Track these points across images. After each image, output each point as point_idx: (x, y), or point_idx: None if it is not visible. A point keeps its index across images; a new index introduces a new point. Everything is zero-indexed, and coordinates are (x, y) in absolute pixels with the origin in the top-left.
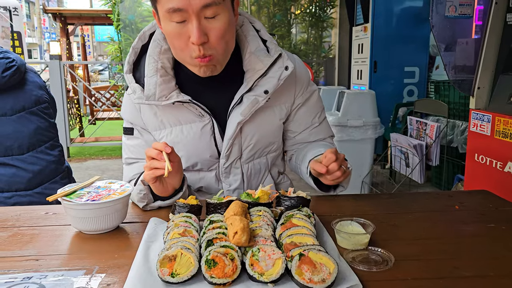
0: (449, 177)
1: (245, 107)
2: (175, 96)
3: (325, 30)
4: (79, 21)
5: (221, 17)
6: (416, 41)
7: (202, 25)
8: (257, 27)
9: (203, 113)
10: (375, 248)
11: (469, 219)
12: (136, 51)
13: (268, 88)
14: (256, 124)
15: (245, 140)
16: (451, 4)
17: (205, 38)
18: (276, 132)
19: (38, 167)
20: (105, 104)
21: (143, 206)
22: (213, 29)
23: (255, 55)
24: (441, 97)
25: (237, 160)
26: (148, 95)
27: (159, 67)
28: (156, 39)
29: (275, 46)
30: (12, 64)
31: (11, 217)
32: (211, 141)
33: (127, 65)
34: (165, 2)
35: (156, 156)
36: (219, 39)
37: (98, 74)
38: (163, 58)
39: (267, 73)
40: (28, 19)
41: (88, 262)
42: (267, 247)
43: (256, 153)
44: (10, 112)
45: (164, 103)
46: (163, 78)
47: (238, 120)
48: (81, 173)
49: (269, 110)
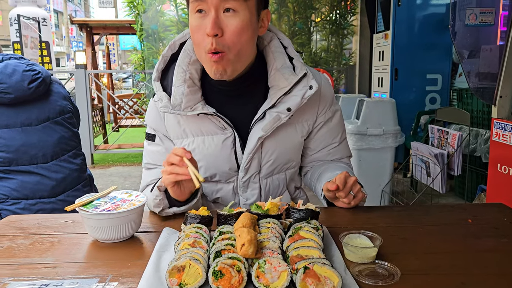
0: (473, 187)
1: (267, 123)
2: (200, 107)
3: (346, 37)
4: (104, 31)
5: (239, 15)
6: (438, 48)
7: (219, 18)
8: (285, 44)
9: (226, 126)
10: (382, 262)
11: (482, 233)
12: (166, 59)
13: (291, 105)
14: (277, 140)
15: (265, 155)
16: (471, 12)
17: (218, 31)
18: (296, 149)
19: (61, 175)
20: (128, 112)
21: (159, 211)
22: (229, 25)
23: (280, 72)
24: (464, 105)
25: (255, 174)
26: (174, 105)
27: (187, 77)
28: (186, 49)
29: (301, 64)
30: (38, 76)
31: (32, 225)
32: (231, 154)
33: (155, 72)
34: None
35: (178, 163)
36: (233, 36)
37: (122, 82)
38: (192, 68)
39: (291, 91)
40: (57, 28)
41: (102, 270)
42: (273, 259)
43: (275, 169)
44: (35, 122)
45: (189, 113)
46: (190, 88)
47: (259, 135)
48: (105, 179)
49: (290, 127)
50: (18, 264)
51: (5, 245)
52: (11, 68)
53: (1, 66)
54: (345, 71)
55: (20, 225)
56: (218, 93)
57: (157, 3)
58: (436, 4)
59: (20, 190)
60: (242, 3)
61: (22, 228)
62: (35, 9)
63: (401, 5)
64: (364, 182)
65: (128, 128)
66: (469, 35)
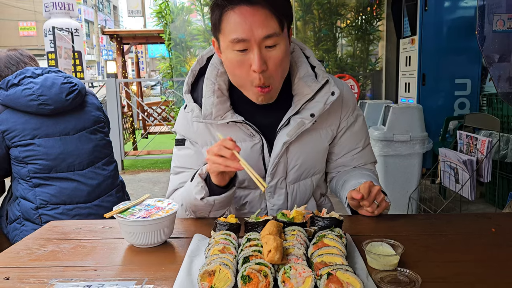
0: (504, 193)
1: (292, 128)
2: (230, 116)
3: (372, 43)
4: (134, 40)
5: (279, 47)
6: (467, 52)
7: (262, 54)
8: (307, 54)
9: (254, 133)
10: (404, 269)
11: (504, 243)
12: (194, 73)
13: (314, 111)
14: (302, 145)
15: (291, 161)
16: (499, 18)
17: (265, 67)
18: (321, 155)
19: (96, 182)
20: (156, 119)
21: (200, 198)
22: (272, 58)
23: (303, 80)
24: (494, 110)
25: (282, 180)
26: (205, 114)
27: (215, 88)
28: (213, 63)
29: (322, 72)
30: (74, 88)
31: (73, 230)
32: (259, 160)
33: (186, 85)
34: (230, 33)
35: (230, 157)
36: (277, 67)
37: (150, 89)
38: (220, 80)
39: (314, 97)
40: (88, 37)
41: (138, 273)
42: (298, 265)
43: (302, 174)
44: (72, 132)
45: (220, 122)
46: (219, 99)
47: (284, 140)
48: (134, 185)
49: (315, 133)
50: (62, 266)
51: (49, 249)
52: (50, 81)
53: (41, 79)
54: (371, 77)
55: (62, 230)
56: (246, 102)
57: (185, 13)
58: (464, 7)
59: (59, 196)
60: (280, 36)
61: (64, 233)
62: (68, 20)
63: (428, 9)
64: (391, 189)
65: (157, 135)
66: (496, 40)
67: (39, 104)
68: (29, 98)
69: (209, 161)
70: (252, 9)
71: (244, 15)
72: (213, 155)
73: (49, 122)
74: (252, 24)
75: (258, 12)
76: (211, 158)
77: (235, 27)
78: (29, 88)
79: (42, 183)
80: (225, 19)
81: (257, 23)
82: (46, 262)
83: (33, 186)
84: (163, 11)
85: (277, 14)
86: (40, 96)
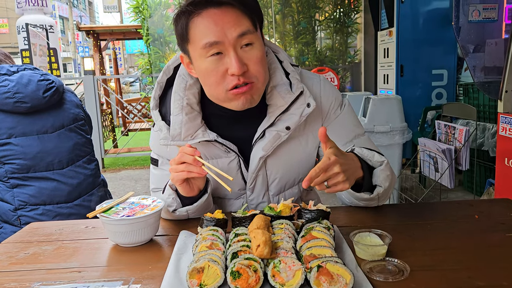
0: (481, 181)
1: (267, 142)
2: (201, 135)
3: (350, 35)
4: (111, 36)
5: (256, 46)
6: (443, 43)
7: (239, 55)
8: (281, 58)
9: (228, 150)
10: (392, 259)
11: (488, 229)
12: (161, 85)
13: (290, 124)
14: (280, 157)
15: (271, 174)
16: (474, 8)
17: (244, 68)
18: (304, 162)
19: (76, 181)
20: (136, 116)
21: (172, 210)
22: (251, 57)
23: (277, 90)
24: (470, 99)
25: (265, 193)
26: (173, 135)
27: (184, 104)
28: (181, 74)
29: (297, 82)
30: (52, 85)
31: (55, 231)
32: (237, 175)
33: (153, 100)
34: (201, 39)
35: (192, 162)
36: (257, 66)
37: (129, 86)
38: (189, 94)
39: (289, 109)
40: (63, 34)
41: (125, 273)
42: (288, 259)
43: (285, 185)
44: (50, 130)
45: (190, 142)
46: (188, 116)
47: (260, 155)
48: (116, 183)
49: (294, 141)
50: (45, 269)
51: (31, 251)
52: (26, 78)
53: (17, 76)
54: (351, 69)
55: (43, 232)
56: (219, 115)
57: (162, 8)
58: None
59: (38, 196)
60: (255, 34)
61: (45, 235)
62: (42, 17)
63: (404, 1)
64: None
65: (137, 132)
66: (472, 30)
67: (15, 102)
68: (5, 96)
69: (172, 170)
70: (221, 11)
71: (213, 18)
72: (175, 164)
73: (26, 121)
74: (224, 26)
75: (228, 13)
76: (173, 167)
77: (205, 32)
78: (4, 86)
79: (20, 183)
80: (193, 26)
81: (229, 24)
82: (28, 265)
83: (11, 187)
84: (141, 6)
85: (248, 13)
86: (16, 94)
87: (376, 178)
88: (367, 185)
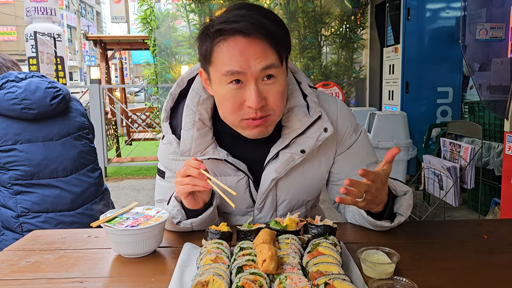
0: (486, 200)
1: (280, 164)
2: (211, 152)
3: (356, 51)
4: (118, 46)
5: (278, 79)
6: (449, 61)
7: (260, 88)
8: (299, 79)
9: (238, 169)
10: (400, 278)
11: (497, 249)
12: (174, 97)
13: (305, 148)
14: (292, 180)
15: (281, 195)
16: (481, 27)
17: (263, 102)
18: (315, 184)
19: (80, 189)
20: (141, 126)
21: (176, 222)
22: (272, 92)
23: (294, 112)
24: (476, 118)
25: (273, 214)
26: (183, 151)
27: (196, 119)
28: (195, 88)
29: (315, 105)
30: (59, 93)
31: (57, 239)
32: (246, 194)
33: (164, 112)
34: (223, 65)
35: (197, 176)
36: (277, 101)
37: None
38: (201, 109)
39: (305, 132)
40: (70, 43)
41: (127, 285)
42: (294, 275)
43: (293, 206)
44: (56, 137)
45: (199, 158)
46: (199, 132)
47: (272, 177)
48: (118, 192)
49: (307, 164)
50: (47, 278)
51: (32, 260)
52: (34, 85)
53: (25, 83)
54: (356, 84)
55: (45, 240)
56: (231, 134)
57: (170, 19)
58: (446, 18)
59: (41, 204)
60: (279, 68)
61: (47, 243)
62: (50, 25)
63: (410, 19)
64: None
65: (141, 142)
66: (479, 49)
67: (22, 108)
68: (12, 102)
69: (177, 183)
70: (248, 41)
71: (240, 47)
72: (180, 177)
73: (32, 127)
74: (249, 57)
75: (256, 44)
76: (179, 180)
77: (229, 59)
78: (12, 92)
79: (23, 190)
80: (217, 50)
81: (254, 55)
82: (29, 274)
83: (14, 194)
84: (148, 17)
85: (276, 46)
86: (24, 100)
87: (399, 206)
88: (388, 213)
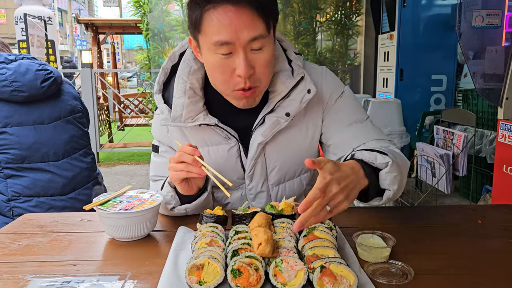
0: (478, 188)
1: (266, 128)
2: (202, 118)
3: (351, 37)
4: (110, 30)
5: (266, 49)
6: (443, 48)
7: (248, 57)
8: (284, 46)
9: (229, 136)
10: (396, 262)
11: (491, 234)
12: (166, 71)
13: (290, 110)
14: (280, 145)
15: (270, 162)
16: (478, 14)
17: (251, 71)
18: (304, 151)
19: (72, 173)
20: (133, 111)
21: (170, 208)
22: (259, 61)
23: (279, 77)
24: (469, 106)
25: (264, 183)
26: (174, 117)
27: (187, 88)
28: (186, 60)
29: (298, 67)
30: (50, 75)
31: (49, 223)
32: (237, 163)
33: (156, 85)
34: (212, 35)
35: (192, 162)
36: (264, 70)
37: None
38: (192, 78)
39: (289, 95)
40: (61, 27)
41: (121, 268)
42: (290, 258)
43: (285, 175)
44: (47, 121)
45: (190, 125)
46: (190, 99)
47: (259, 141)
48: (110, 177)
49: (294, 130)
50: (39, 261)
51: (24, 243)
52: (24, 67)
53: (15, 65)
54: (350, 71)
55: (37, 223)
56: (221, 102)
57: (163, 3)
58: (441, 5)
59: (32, 188)
60: (267, 38)
61: (39, 226)
62: (41, 8)
63: (406, 6)
64: None
65: (134, 127)
66: (475, 36)
67: (12, 91)
68: (2, 84)
69: (171, 169)
70: (236, 9)
71: (229, 16)
72: (174, 163)
73: (22, 110)
74: (237, 26)
75: (244, 13)
76: (172, 165)
77: (218, 29)
78: (2, 74)
79: (14, 174)
80: (207, 18)
81: (243, 25)
82: (21, 257)
83: (4, 177)
84: (141, 1)
85: (264, 15)
86: (14, 82)
87: (383, 181)
88: (375, 190)
